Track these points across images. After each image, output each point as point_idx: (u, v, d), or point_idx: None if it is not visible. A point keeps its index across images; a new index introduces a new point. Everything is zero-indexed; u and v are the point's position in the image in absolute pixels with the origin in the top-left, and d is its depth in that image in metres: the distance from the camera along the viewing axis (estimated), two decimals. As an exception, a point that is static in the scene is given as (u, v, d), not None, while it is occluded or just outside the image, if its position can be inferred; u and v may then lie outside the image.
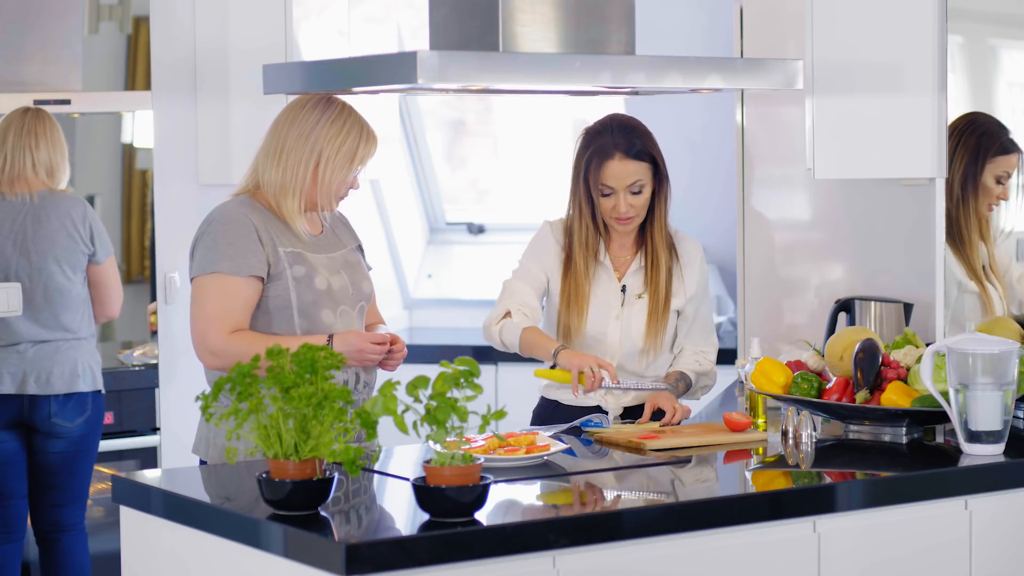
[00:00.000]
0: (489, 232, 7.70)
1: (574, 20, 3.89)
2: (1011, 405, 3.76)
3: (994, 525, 3.67)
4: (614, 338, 4.24)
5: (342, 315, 3.90)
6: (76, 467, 5.14)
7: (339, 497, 3.33)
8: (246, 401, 3.10)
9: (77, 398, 5.10)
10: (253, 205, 3.89)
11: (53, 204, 5.12)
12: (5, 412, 5.05)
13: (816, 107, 4.40)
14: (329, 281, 3.89)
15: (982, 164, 4.54)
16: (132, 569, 3.51)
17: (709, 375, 4.30)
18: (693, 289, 4.31)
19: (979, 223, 4.58)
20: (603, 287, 4.26)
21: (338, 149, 3.87)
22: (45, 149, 5.14)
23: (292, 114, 3.90)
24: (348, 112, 3.90)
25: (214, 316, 3.79)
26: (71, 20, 5.59)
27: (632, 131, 4.20)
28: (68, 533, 5.19)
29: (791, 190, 5.01)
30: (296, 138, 3.87)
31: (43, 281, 5.09)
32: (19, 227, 5.09)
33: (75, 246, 5.13)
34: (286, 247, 3.85)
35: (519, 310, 4.22)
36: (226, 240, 3.81)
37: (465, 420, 3.05)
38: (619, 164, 4.17)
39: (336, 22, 5.78)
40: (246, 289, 3.81)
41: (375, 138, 3.93)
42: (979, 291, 4.58)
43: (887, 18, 4.34)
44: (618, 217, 4.20)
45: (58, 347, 5.09)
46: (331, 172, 3.87)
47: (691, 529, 3.28)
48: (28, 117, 5.15)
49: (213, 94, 5.41)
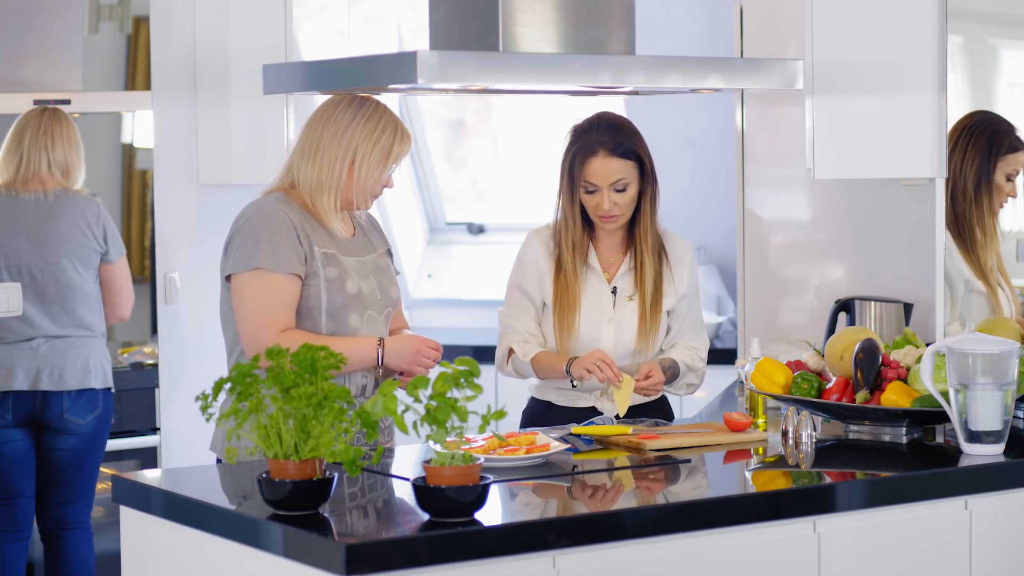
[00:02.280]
0: (489, 232, 7.70)
1: (574, 20, 3.89)
2: (1011, 405, 3.76)
3: (994, 525, 3.67)
4: (607, 341, 4.24)
5: (369, 320, 3.90)
6: (85, 464, 5.16)
7: (339, 497, 3.33)
8: (246, 401, 3.11)
9: (89, 395, 5.13)
10: (289, 203, 3.87)
11: (68, 202, 5.15)
12: (19, 409, 5.08)
13: (816, 107, 4.40)
14: (360, 285, 3.88)
15: (994, 162, 4.53)
16: (132, 569, 3.51)
17: (697, 373, 4.30)
18: (684, 288, 4.31)
19: (992, 223, 4.57)
20: (594, 290, 4.25)
21: (373, 147, 3.86)
22: (61, 149, 5.17)
23: (326, 113, 3.89)
24: (383, 110, 3.89)
25: (263, 316, 3.77)
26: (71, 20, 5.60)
27: (618, 129, 4.19)
28: (74, 531, 5.21)
29: (791, 190, 5.01)
30: (331, 136, 3.86)
31: (55, 276, 5.12)
32: (33, 223, 5.12)
33: (88, 244, 5.15)
34: (322, 247, 3.84)
35: (519, 343, 4.22)
36: (266, 236, 3.79)
37: (465, 420, 3.05)
38: (602, 161, 4.16)
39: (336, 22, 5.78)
40: (288, 286, 3.79)
41: (409, 136, 3.92)
42: (987, 292, 4.57)
43: (887, 18, 4.34)
44: (602, 215, 4.20)
45: (70, 343, 5.12)
46: (366, 170, 3.86)
47: (691, 529, 3.28)
48: (45, 117, 5.18)
49: (213, 94, 5.41)
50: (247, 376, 3.11)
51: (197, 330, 5.53)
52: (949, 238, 4.53)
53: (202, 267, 5.52)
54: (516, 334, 4.24)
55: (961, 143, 4.49)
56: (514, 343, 4.22)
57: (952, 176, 4.51)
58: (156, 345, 5.55)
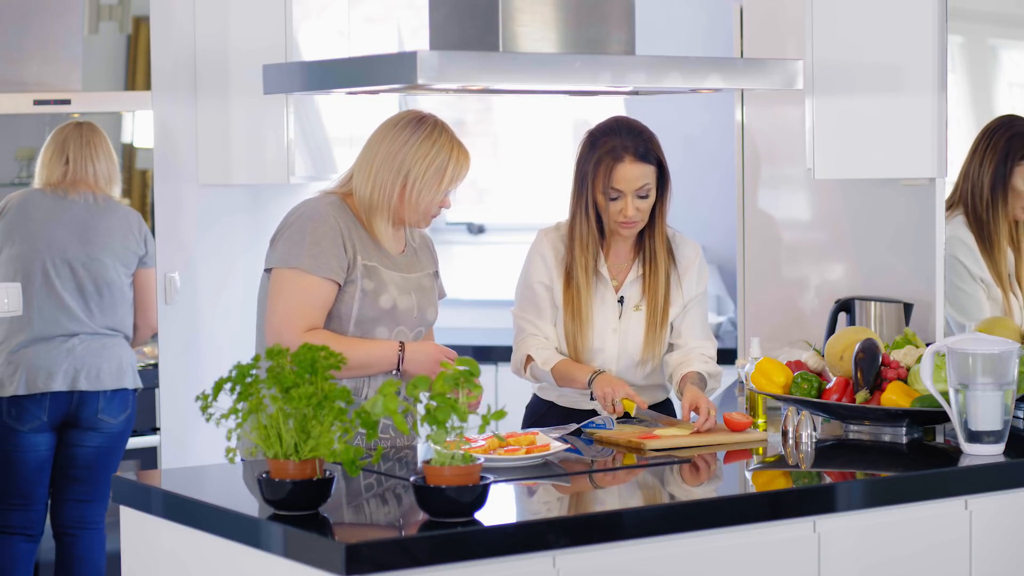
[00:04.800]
0: (489, 232, 7.70)
1: (574, 20, 3.89)
2: (1011, 405, 3.76)
3: (994, 525, 3.67)
4: (612, 352, 4.22)
5: (398, 335, 3.90)
6: (109, 462, 5.24)
7: (339, 497, 3.33)
8: (246, 401, 3.11)
9: (122, 395, 5.23)
10: (343, 208, 3.88)
11: (113, 206, 5.28)
12: (55, 409, 5.14)
13: (816, 107, 4.40)
14: (396, 300, 3.88)
15: (1011, 166, 4.51)
16: (132, 569, 3.51)
17: (716, 377, 4.27)
18: (692, 293, 4.29)
19: (1009, 229, 4.55)
20: (601, 299, 4.23)
21: (426, 169, 3.84)
22: (104, 161, 5.31)
23: (385, 131, 3.89)
24: (440, 132, 3.88)
25: (292, 312, 3.78)
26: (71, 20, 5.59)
27: (640, 134, 4.16)
28: (89, 530, 5.25)
29: (791, 190, 5.01)
30: (385, 156, 3.85)
31: (96, 272, 5.21)
32: (80, 220, 5.21)
33: (130, 245, 5.27)
34: (365, 259, 3.85)
35: (539, 350, 4.19)
36: (312, 238, 3.80)
37: (465, 420, 3.05)
38: (630, 167, 4.12)
39: (336, 22, 5.78)
40: (324, 289, 3.80)
41: (466, 156, 3.90)
42: (1002, 299, 4.55)
43: (887, 18, 4.34)
44: (624, 221, 4.16)
45: (104, 343, 5.20)
46: (418, 192, 3.85)
47: (691, 529, 3.28)
48: (84, 130, 5.30)
49: (213, 94, 5.41)
50: (247, 376, 3.11)
51: (197, 330, 5.53)
52: (971, 237, 4.51)
53: (202, 267, 5.52)
54: (533, 338, 4.21)
55: (981, 145, 4.48)
56: (532, 350, 4.20)
57: (971, 177, 4.50)
58: (156, 345, 5.55)
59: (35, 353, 5.12)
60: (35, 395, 5.10)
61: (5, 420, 5.11)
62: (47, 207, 5.19)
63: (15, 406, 5.11)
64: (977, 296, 4.53)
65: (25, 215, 5.18)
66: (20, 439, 5.12)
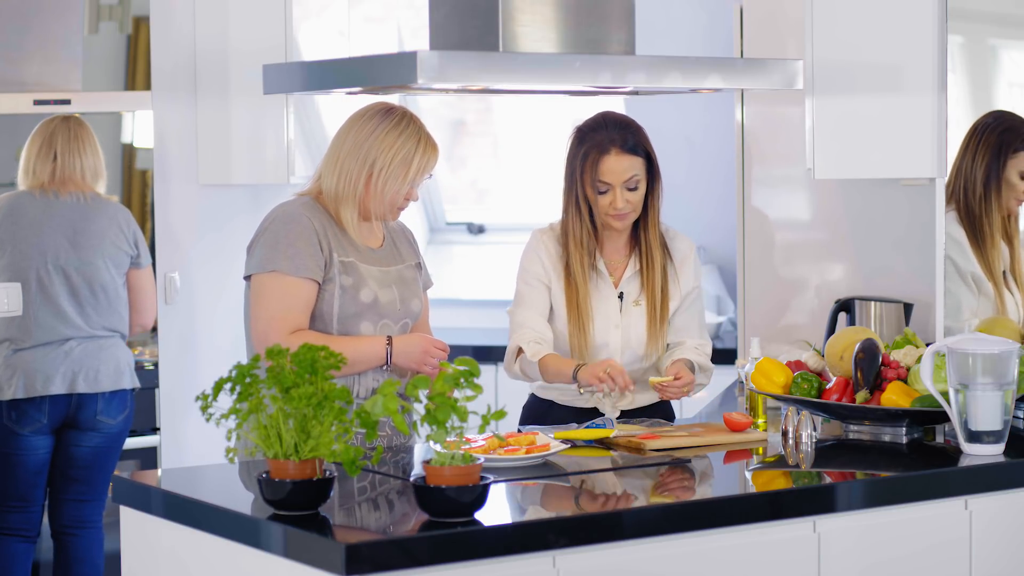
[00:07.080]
0: (489, 232, 7.70)
1: (574, 20, 3.90)
2: (1011, 405, 3.76)
3: (994, 525, 3.67)
4: (615, 347, 4.22)
5: (383, 328, 3.89)
6: (107, 462, 5.24)
7: (339, 497, 3.33)
8: (246, 401, 3.11)
9: (121, 395, 5.23)
10: (316, 208, 3.88)
11: (103, 205, 5.25)
12: (55, 412, 5.13)
13: (816, 107, 4.40)
14: (377, 294, 3.88)
15: (1004, 160, 4.52)
16: (132, 569, 3.51)
17: (707, 373, 4.28)
18: (688, 286, 4.29)
19: (1003, 222, 4.55)
20: (601, 296, 4.23)
21: (392, 159, 3.84)
22: (91, 156, 5.28)
23: (352, 122, 3.89)
24: (408, 122, 3.87)
25: (275, 316, 3.79)
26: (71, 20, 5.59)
27: (626, 127, 4.17)
28: (87, 530, 5.26)
29: (791, 190, 5.01)
30: (352, 146, 3.85)
31: (90, 276, 5.20)
32: (71, 223, 5.19)
33: (121, 246, 5.25)
34: (342, 256, 3.85)
35: (529, 343, 4.18)
36: (287, 240, 3.81)
37: (465, 420, 3.05)
38: (615, 159, 4.14)
39: (336, 22, 5.78)
40: (304, 290, 3.81)
41: (434, 148, 3.89)
42: (994, 294, 4.55)
43: (887, 18, 4.34)
44: (615, 214, 4.15)
45: (101, 345, 5.20)
46: (383, 182, 3.85)
47: (691, 529, 3.28)
48: (72, 125, 5.27)
49: (213, 94, 5.41)
50: (247, 376, 3.11)
51: (197, 330, 5.53)
52: (962, 234, 4.51)
53: (202, 267, 5.52)
54: (527, 331, 4.21)
55: (973, 140, 4.48)
56: (523, 342, 4.19)
57: (963, 173, 4.50)
58: (156, 345, 5.55)
59: (33, 357, 5.11)
60: (34, 399, 5.10)
61: (6, 423, 5.11)
62: (37, 211, 5.16)
63: (15, 409, 5.11)
64: (961, 296, 4.52)
65: (15, 222, 5.15)
66: (21, 441, 5.12)
